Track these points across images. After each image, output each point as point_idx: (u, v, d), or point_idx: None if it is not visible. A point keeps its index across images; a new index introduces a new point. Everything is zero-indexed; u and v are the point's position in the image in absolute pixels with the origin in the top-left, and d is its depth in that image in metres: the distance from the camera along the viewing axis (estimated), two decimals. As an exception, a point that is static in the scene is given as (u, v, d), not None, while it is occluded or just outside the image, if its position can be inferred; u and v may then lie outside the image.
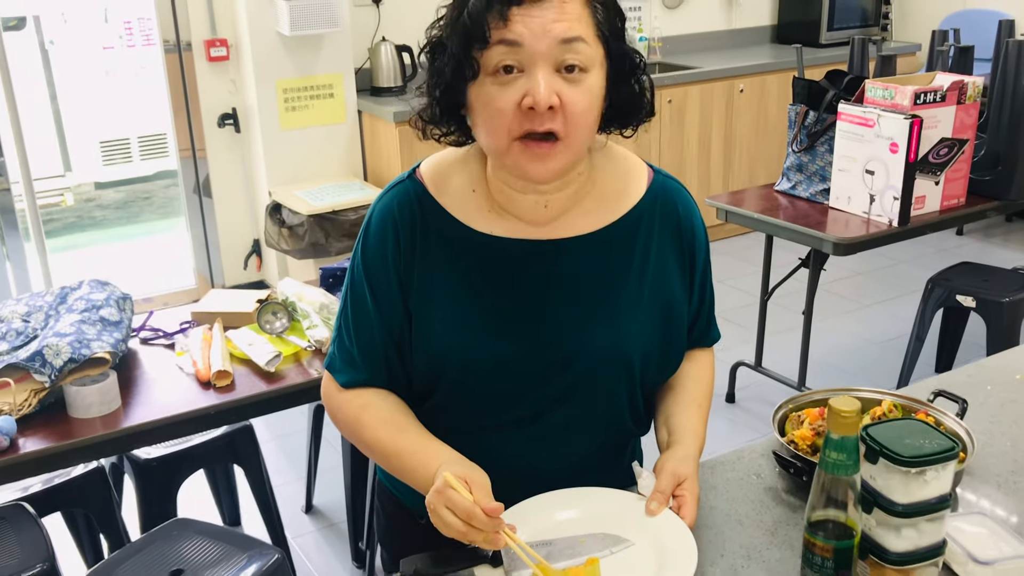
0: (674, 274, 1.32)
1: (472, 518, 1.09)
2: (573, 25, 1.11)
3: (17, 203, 3.95)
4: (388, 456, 1.26)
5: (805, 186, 3.16)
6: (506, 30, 1.10)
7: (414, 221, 1.24)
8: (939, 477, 1.07)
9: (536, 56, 1.10)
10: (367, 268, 1.27)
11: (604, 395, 1.29)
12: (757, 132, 5.14)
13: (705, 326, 1.43)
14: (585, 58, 1.12)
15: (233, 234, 4.40)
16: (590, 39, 1.13)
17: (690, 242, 1.33)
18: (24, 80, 5.25)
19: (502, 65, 1.11)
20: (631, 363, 1.28)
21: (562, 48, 1.11)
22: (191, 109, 4.15)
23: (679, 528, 1.18)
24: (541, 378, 1.26)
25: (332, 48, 4.11)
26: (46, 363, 1.80)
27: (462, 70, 1.13)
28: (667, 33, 5.38)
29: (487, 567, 1.15)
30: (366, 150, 4.37)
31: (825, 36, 5.47)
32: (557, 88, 1.11)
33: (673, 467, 1.24)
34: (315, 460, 2.82)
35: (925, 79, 2.98)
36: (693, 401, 1.37)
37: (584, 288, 1.26)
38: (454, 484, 1.11)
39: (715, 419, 3.34)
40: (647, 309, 1.28)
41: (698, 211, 1.36)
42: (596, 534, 1.20)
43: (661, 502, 1.21)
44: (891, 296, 4.39)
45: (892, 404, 1.39)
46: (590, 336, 1.26)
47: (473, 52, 1.11)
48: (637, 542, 1.18)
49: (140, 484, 2.23)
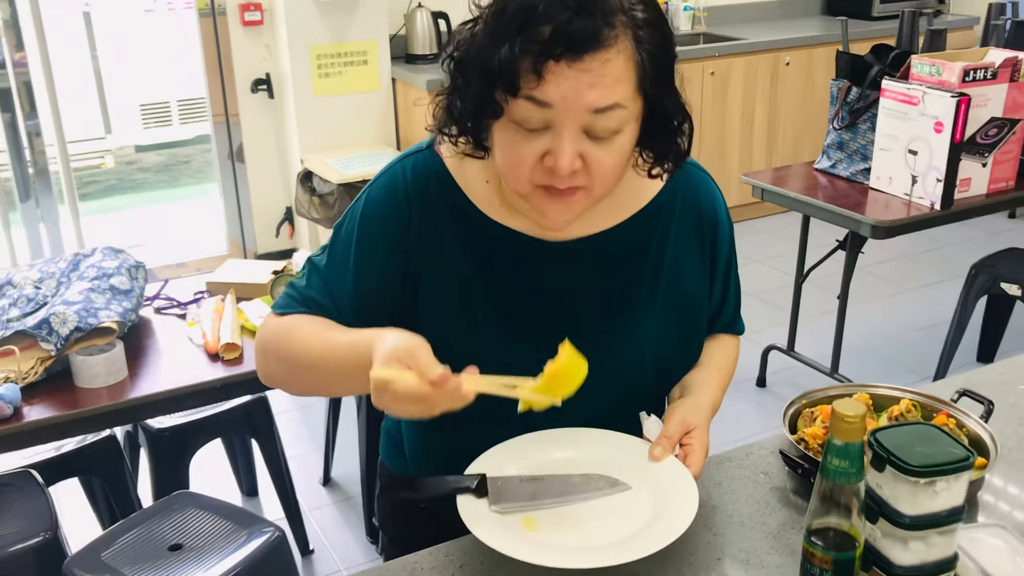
0: (692, 270, 1.25)
1: (426, 399, 0.95)
2: (611, 91, 1.00)
3: (52, 165, 3.97)
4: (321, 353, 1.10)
5: (845, 165, 3.05)
6: (537, 88, 0.99)
7: (428, 195, 1.16)
8: (951, 488, 0.99)
9: (564, 119, 1.00)
10: (364, 237, 1.16)
11: (620, 395, 1.23)
12: (803, 107, 4.99)
13: (730, 319, 1.36)
14: (618, 122, 1.03)
15: (265, 201, 4.39)
16: (628, 100, 1.02)
17: (712, 234, 1.26)
18: (65, 42, 5.28)
19: (526, 124, 1.02)
20: (647, 367, 1.23)
21: (594, 116, 1.01)
22: (225, 74, 4.13)
23: (682, 476, 1.12)
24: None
25: (367, 14, 4.05)
26: (52, 331, 1.79)
27: (483, 110, 1.04)
28: (712, 3, 5.23)
29: (470, 496, 1.09)
30: (399, 119, 4.31)
31: (877, 8, 5.27)
32: (582, 149, 1.03)
33: (683, 414, 1.18)
34: (333, 432, 2.80)
35: (976, 55, 2.85)
36: (710, 364, 1.31)
37: (599, 295, 1.20)
38: (387, 376, 0.95)
39: (744, 403, 3.29)
40: (662, 310, 1.22)
41: (722, 198, 1.29)
42: (592, 475, 1.14)
43: (666, 448, 1.14)
44: (934, 280, 4.25)
45: (911, 403, 1.31)
46: (607, 346, 1.20)
47: (497, 96, 1.01)
48: (635, 487, 1.12)
49: (152, 453, 2.23)
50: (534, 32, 0.97)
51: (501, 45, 0.99)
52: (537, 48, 0.97)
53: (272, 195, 4.39)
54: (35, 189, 3.94)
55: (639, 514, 1.09)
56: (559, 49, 0.97)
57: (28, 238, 3.98)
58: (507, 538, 1.04)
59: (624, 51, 1.00)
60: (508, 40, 0.98)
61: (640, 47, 1.01)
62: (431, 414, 0.97)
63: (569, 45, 0.97)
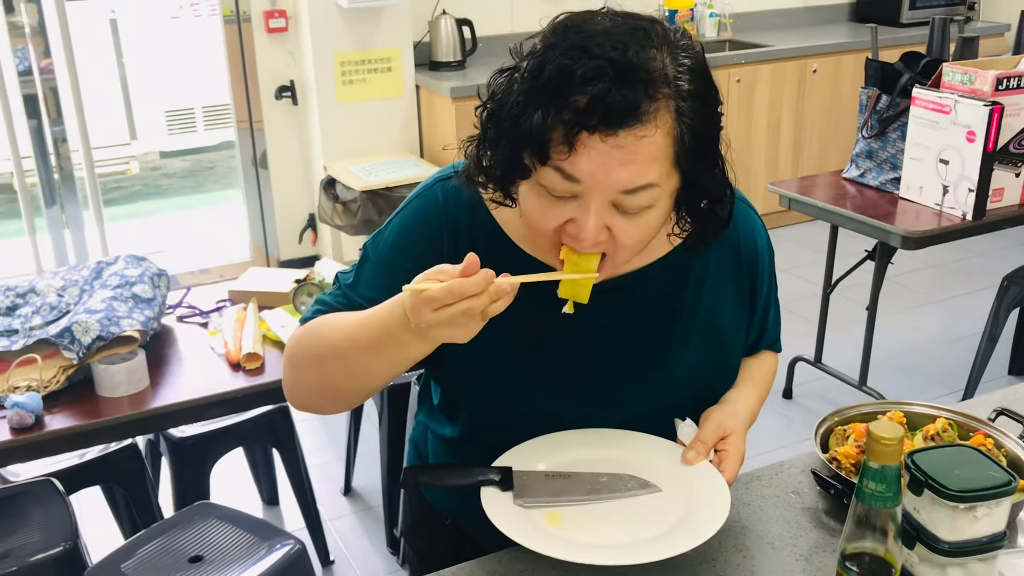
0: (730, 307, 1.22)
1: (462, 292, 0.90)
2: (644, 170, 0.94)
3: (77, 171, 3.99)
4: (352, 339, 1.04)
5: (875, 174, 3.00)
6: (567, 160, 0.93)
7: (459, 222, 1.11)
8: (992, 514, 0.96)
9: (592, 194, 0.96)
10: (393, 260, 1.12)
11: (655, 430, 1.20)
12: (830, 115, 4.93)
13: (772, 338, 1.35)
14: (648, 200, 0.97)
15: (289, 207, 4.39)
16: (662, 178, 0.96)
17: (751, 267, 1.23)
18: (92, 49, 5.32)
19: (553, 191, 0.97)
20: (682, 402, 1.20)
21: (623, 195, 0.96)
22: (249, 81, 4.14)
23: (715, 480, 1.09)
24: (578, 421, 1.17)
25: (391, 21, 4.04)
26: (75, 340, 1.78)
27: (511, 170, 0.99)
28: (739, 9, 5.19)
29: (495, 489, 1.07)
30: (423, 126, 4.30)
31: (906, 15, 5.21)
32: (609, 222, 0.98)
33: (720, 419, 1.15)
34: (355, 441, 2.78)
35: (1010, 63, 2.79)
36: (749, 378, 1.28)
37: (630, 328, 1.16)
38: (418, 287, 0.92)
39: (770, 416, 3.24)
40: (698, 346, 1.19)
41: (763, 229, 1.26)
42: (622, 475, 1.11)
43: (700, 452, 1.11)
44: (965, 291, 4.18)
45: (947, 423, 1.27)
46: (635, 381, 1.17)
47: (525, 160, 0.97)
48: (665, 489, 1.09)
49: (174, 462, 2.22)
50: (570, 101, 0.91)
51: (535, 109, 0.93)
52: (571, 118, 0.91)
53: (295, 202, 4.40)
54: (60, 195, 3.96)
55: (668, 515, 1.06)
56: (594, 121, 0.91)
57: (53, 243, 4.01)
58: (530, 532, 1.02)
59: (663, 126, 0.94)
60: (542, 106, 0.93)
61: (682, 120, 0.95)
62: (476, 317, 0.92)
63: (604, 118, 0.91)
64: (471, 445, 1.20)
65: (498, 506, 1.05)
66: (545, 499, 1.08)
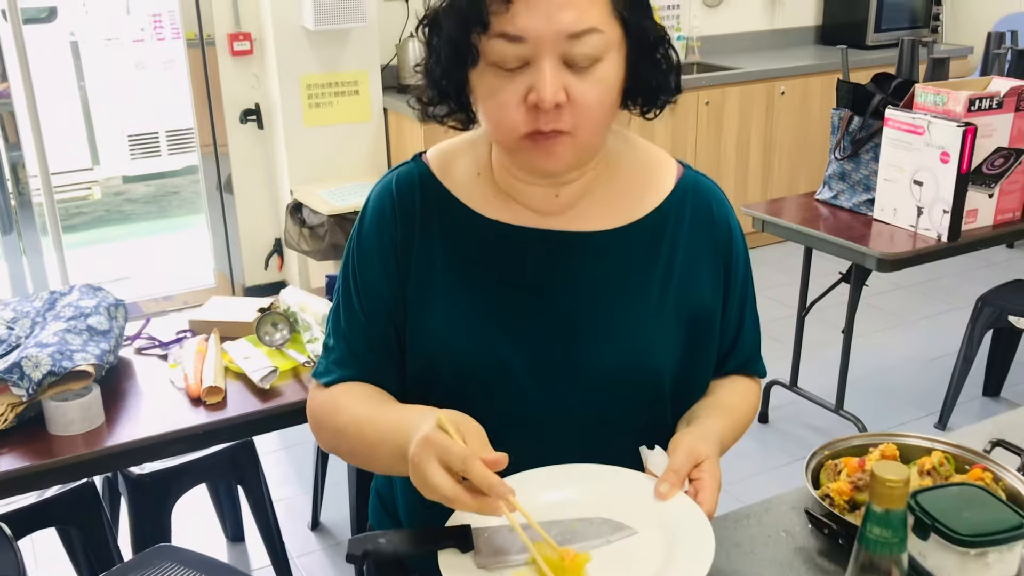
0: (705, 281, 1.17)
1: (469, 469, 0.91)
2: (583, 13, 0.98)
3: (35, 197, 3.88)
4: (362, 427, 1.09)
5: (848, 196, 2.98)
6: (507, 20, 0.97)
7: (413, 203, 1.14)
8: (1003, 560, 0.91)
9: (541, 50, 0.98)
10: (361, 258, 1.15)
11: (621, 417, 1.14)
12: (798, 137, 4.94)
13: (750, 352, 1.27)
14: (596, 48, 0.99)
15: (254, 233, 4.30)
16: (604, 23, 1.00)
17: (726, 245, 1.19)
18: (52, 72, 5.21)
19: (504, 63, 0.99)
20: (651, 380, 1.14)
21: (570, 42, 0.98)
22: (213, 104, 4.06)
23: (694, 515, 1.01)
24: (546, 391, 1.11)
25: (358, 44, 3.99)
26: (24, 375, 1.69)
27: (461, 56, 1.02)
28: (706, 32, 5.20)
29: (454, 552, 0.98)
30: (391, 149, 4.24)
31: (872, 37, 5.25)
32: (565, 82, 0.99)
33: (690, 444, 1.07)
34: (322, 475, 2.69)
35: (980, 84, 2.79)
36: (720, 401, 1.21)
37: (599, 291, 1.12)
38: (447, 427, 0.94)
39: (747, 440, 3.17)
40: (670, 321, 1.14)
41: (735, 215, 1.22)
42: (593, 519, 1.02)
43: (674, 483, 1.03)
44: (937, 312, 4.18)
45: (943, 456, 1.22)
46: (603, 347, 1.11)
47: (472, 38, 1.00)
48: (641, 530, 1.01)
49: (132, 501, 2.12)
50: None
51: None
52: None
53: (261, 227, 4.31)
54: (17, 221, 3.84)
55: (648, 561, 0.98)
56: None
57: (10, 271, 3.88)
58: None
59: None
60: None
61: None
62: (455, 499, 0.93)
63: None
64: None
65: (459, 570, 0.96)
66: (511, 557, 0.98)
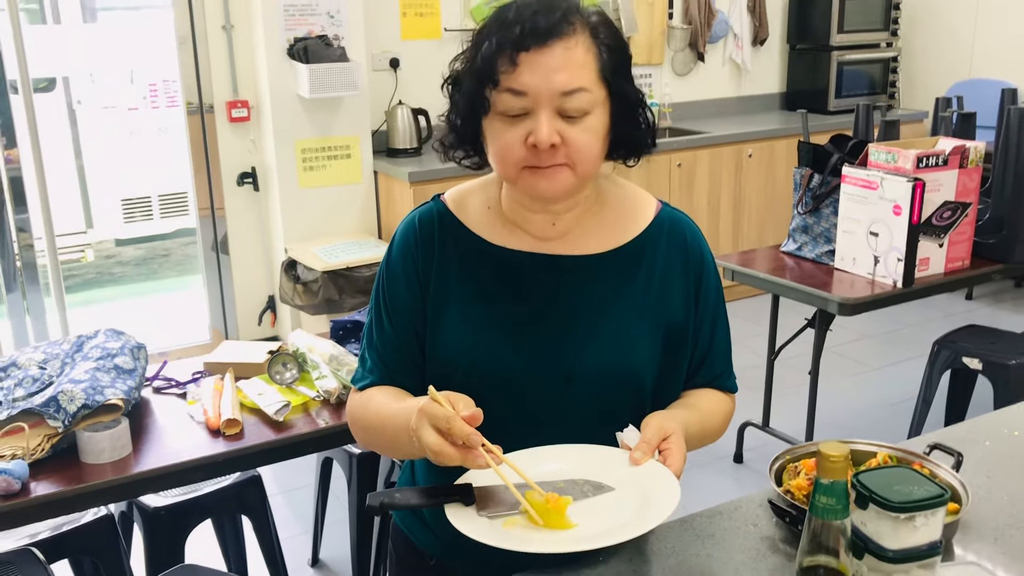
0: (677, 297, 1.36)
1: (451, 427, 1.11)
2: (575, 75, 1.19)
3: (39, 259, 4.03)
4: (383, 420, 1.29)
5: (811, 247, 3.21)
6: (513, 78, 1.19)
7: (433, 234, 1.34)
8: (928, 523, 1.08)
9: (539, 103, 1.20)
10: (389, 281, 1.36)
11: (608, 414, 1.32)
12: (766, 195, 5.21)
13: (720, 368, 1.45)
14: (585, 104, 1.21)
15: (248, 290, 4.47)
16: (592, 85, 1.21)
17: (697, 267, 1.38)
18: (51, 139, 5.40)
19: (509, 112, 1.21)
20: (633, 380, 1.32)
21: (563, 98, 1.19)
22: (211, 168, 4.26)
23: (663, 474, 1.19)
24: (545, 392, 1.30)
25: (350, 110, 4.22)
26: (60, 408, 1.84)
27: (475, 107, 1.24)
28: (677, 99, 5.49)
29: (459, 505, 1.17)
30: (381, 209, 4.45)
31: (832, 103, 5.56)
32: (559, 128, 1.21)
33: (659, 421, 1.26)
34: (322, 513, 2.83)
35: (928, 144, 3.04)
36: (690, 404, 1.39)
37: (589, 305, 1.32)
38: (437, 397, 1.14)
39: (722, 479, 3.36)
40: (649, 329, 1.33)
41: (706, 243, 1.42)
42: (576, 479, 1.21)
43: (646, 451, 1.22)
44: (899, 359, 4.39)
45: (887, 456, 1.41)
46: (592, 351, 1.31)
47: (485, 92, 1.21)
48: (618, 488, 1.19)
49: (148, 533, 2.25)
50: (508, 33, 1.19)
51: (484, 46, 1.21)
52: (511, 44, 1.19)
53: (255, 284, 4.48)
54: (21, 282, 3.99)
55: (624, 509, 1.16)
56: (528, 42, 1.18)
57: (13, 329, 4.02)
58: (493, 534, 1.11)
59: (583, 43, 1.21)
60: (488, 40, 1.21)
61: (598, 40, 1.23)
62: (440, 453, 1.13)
63: (535, 37, 1.18)
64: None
65: (463, 518, 1.15)
66: (505, 509, 1.17)
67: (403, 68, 4.54)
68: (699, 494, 3.07)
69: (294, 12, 4.01)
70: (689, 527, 1.37)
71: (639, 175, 4.69)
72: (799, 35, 5.76)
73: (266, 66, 4.04)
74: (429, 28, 4.61)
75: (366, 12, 4.23)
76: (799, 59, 5.80)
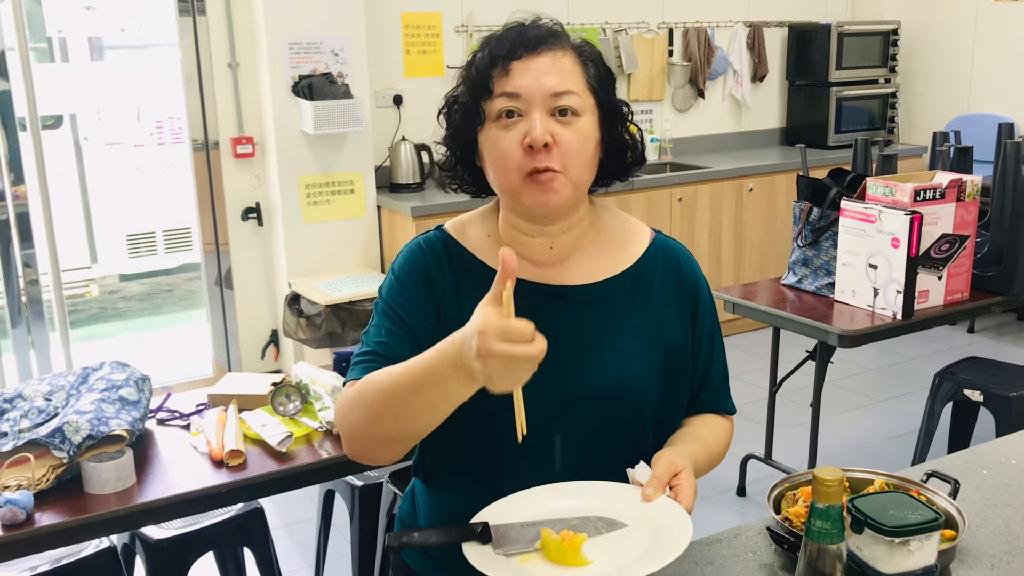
0: (674, 322, 1.39)
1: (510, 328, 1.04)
2: (564, 79, 1.28)
3: (44, 293, 4.06)
4: (395, 376, 1.18)
5: (811, 280, 3.23)
6: (507, 82, 1.27)
7: (440, 259, 1.38)
8: (923, 548, 1.10)
9: (533, 103, 1.26)
10: (398, 285, 1.36)
11: (609, 435, 1.34)
12: (766, 229, 5.24)
13: (718, 392, 1.48)
14: (575, 105, 1.28)
15: (252, 324, 4.50)
16: (580, 91, 1.29)
17: (693, 293, 1.42)
18: (57, 175, 5.46)
19: (504, 111, 1.27)
20: (634, 401, 1.34)
21: (554, 98, 1.27)
22: (216, 204, 4.30)
23: (675, 510, 1.20)
24: (547, 416, 1.31)
25: (354, 146, 4.28)
26: (65, 439, 1.86)
27: (471, 118, 1.30)
28: (678, 135, 5.55)
29: (475, 543, 1.18)
30: (384, 243, 4.49)
31: (832, 139, 5.62)
32: (552, 128, 1.26)
33: (669, 457, 1.28)
34: (324, 547, 2.83)
35: (925, 177, 3.07)
36: (694, 434, 1.41)
37: (588, 332, 1.35)
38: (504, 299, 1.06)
39: (725, 512, 3.36)
40: (648, 354, 1.36)
41: (700, 269, 1.45)
42: (590, 516, 1.23)
43: (657, 487, 1.23)
44: (901, 392, 4.40)
45: (884, 483, 1.42)
46: (593, 377, 1.33)
47: (480, 102, 1.28)
48: (631, 524, 1.21)
49: (150, 565, 2.26)
50: (499, 46, 1.29)
51: (479, 59, 1.30)
52: (503, 55, 1.28)
53: (258, 318, 4.50)
54: (26, 316, 4.02)
55: (637, 546, 1.17)
56: (519, 52, 1.28)
57: (18, 364, 4.04)
58: (508, 572, 1.13)
59: (570, 55, 1.31)
60: (482, 52, 1.30)
61: (583, 55, 1.32)
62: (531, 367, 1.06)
63: (525, 46, 1.28)
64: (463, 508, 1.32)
65: (481, 556, 1.16)
66: (521, 547, 1.18)
67: (406, 105, 4.60)
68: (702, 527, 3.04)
69: (299, 50, 4.08)
70: (689, 554, 1.38)
71: (640, 209, 4.73)
72: (798, 71, 5.83)
73: (271, 103, 4.10)
74: (432, 66, 4.68)
75: (370, 50, 4.30)
76: (798, 95, 5.87)
